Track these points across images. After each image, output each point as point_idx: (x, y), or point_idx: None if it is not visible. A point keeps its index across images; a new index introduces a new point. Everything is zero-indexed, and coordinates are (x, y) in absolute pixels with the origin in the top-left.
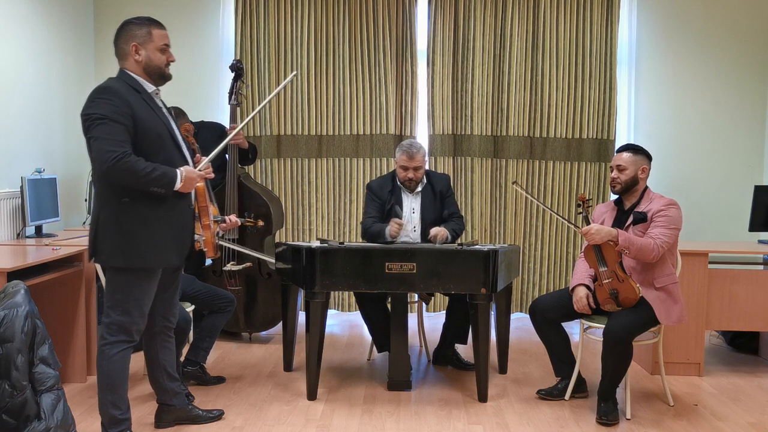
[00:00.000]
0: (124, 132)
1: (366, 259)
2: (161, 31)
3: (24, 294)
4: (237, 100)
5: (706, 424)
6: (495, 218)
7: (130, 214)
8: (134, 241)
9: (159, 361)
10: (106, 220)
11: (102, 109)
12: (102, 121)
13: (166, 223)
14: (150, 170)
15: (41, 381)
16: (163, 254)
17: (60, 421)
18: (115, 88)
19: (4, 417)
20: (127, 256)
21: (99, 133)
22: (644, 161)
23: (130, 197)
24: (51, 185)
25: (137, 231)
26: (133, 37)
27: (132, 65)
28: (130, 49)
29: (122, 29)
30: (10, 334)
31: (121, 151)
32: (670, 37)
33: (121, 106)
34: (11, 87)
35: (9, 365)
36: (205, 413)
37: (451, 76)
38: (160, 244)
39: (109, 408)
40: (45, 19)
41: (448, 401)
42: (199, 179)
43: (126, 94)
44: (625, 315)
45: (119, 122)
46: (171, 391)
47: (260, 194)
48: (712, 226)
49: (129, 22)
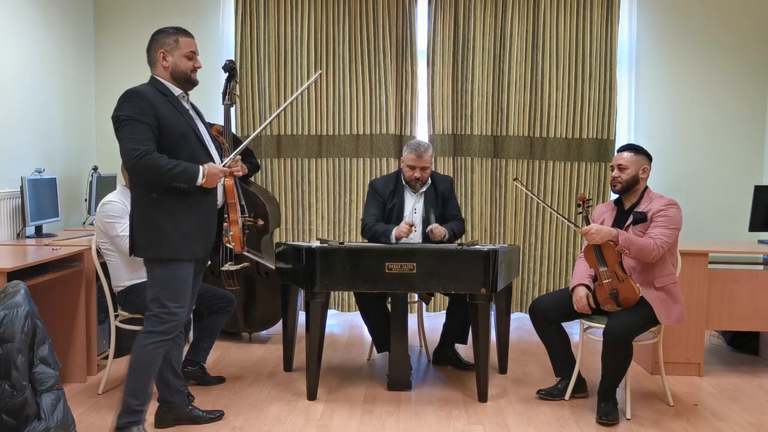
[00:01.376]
0: (148, 131)
1: (366, 259)
2: (188, 39)
3: (24, 294)
4: (230, 100)
5: (706, 424)
6: (495, 218)
7: (158, 208)
8: (162, 232)
9: (167, 356)
10: (139, 214)
11: (127, 110)
12: (127, 121)
13: (191, 216)
14: (172, 166)
15: (41, 381)
16: (189, 246)
17: (60, 421)
18: (141, 91)
19: (4, 417)
20: (156, 247)
21: (125, 134)
22: (645, 161)
23: (157, 192)
24: (51, 185)
25: (164, 224)
26: (161, 45)
27: (160, 71)
28: (158, 56)
29: (153, 39)
30: (10, 334)
31: (143, 149)
32: (669, 37)
33: (145, 107)
34: (11, 87)
35: (9, 365)
36: (206, 414)
37: (451, 76)
38: (186, 236)
39: (128, 395)
40: (45, 19)
41: (448, 401)
42: (222, 174)
43: (151, 96)
44: (625, 315)
45: (143, 122)
46: (174, 387)
47: (257, 194)
48: (712, 226)
49: (159, 32)
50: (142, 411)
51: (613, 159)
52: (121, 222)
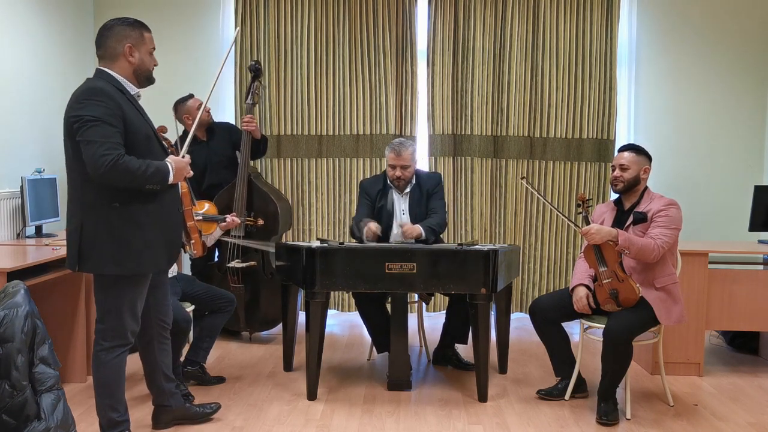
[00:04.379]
0: (118, 134)
1: (366, 259)
2: (150, 34)
3: (24, 294)
4: (253, 99)
5: (706, 424)
6: (495, 218)
7: (121, 218)
8: (127, 246)
9: (157, 364)
10: (93, 226)
11: (94, 111)
12: (95, 123)
13: (157, 225)
14: (145, 168)
15: (41, 381)
16: (154, 258)
17: (60, 421)
18: (106, 90)
19: (4, 417)
20: (119, 262)
21: (93, 136)
22: (646, 162)
23: (120, 201)
24: (51, 185)
25: (130, 236)
26: (126, 37)
27: (122, 66)
28: (124, 50)
29: (111, 29)
30: (10, 334)
31: (116, 154)
32: (669, 37)
33: (113, 108)
34: (11, 87)
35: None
36: (201, 409)
37: (451, 76)
38: (152, 248)
39: (107, 411)
40: (45, 18)
41: (448, 401)
42: (187, 165)
43: (116, 96)
44: (625, 315)
45: (112, 125)
46: (168, 392)
47: (269, 194)
48: (712, 226)
49: (119, 21)
50: (125, 419)
51: (614, 159)
52: None
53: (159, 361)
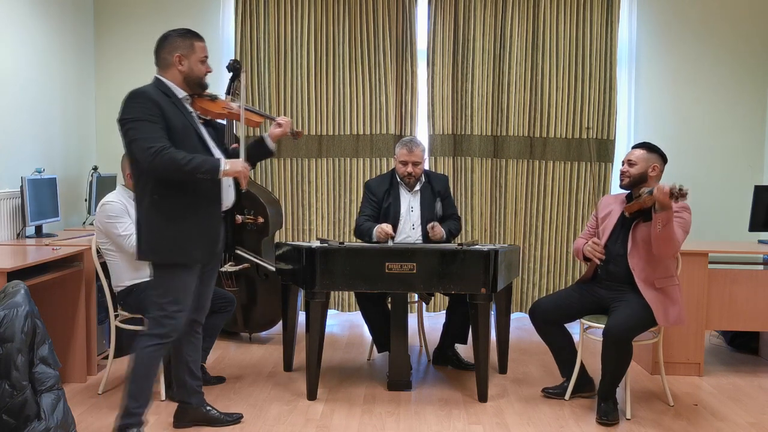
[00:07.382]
0: (159, 129)
1: (366, 259)
2: (202, 43)
3: (24, 294)
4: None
5: (706, 424)
6: (495, 218)
7: (157, 210)
8: (161, 236)
9: (183, 356)
10: (140, 218)
11: (134, 112)
12: (136, 122)
13: (191, 219)
14: (190, 158)
15: (41, 381)
16: (188, 250)
17: (60, 421)
18: (145, 92)
19: (4, 417)
20: (156, 251)
21: (136, 134)
22: (657, 160)
23: (159, 194)
24: (51, 185)
25: (164, 227)
26: (176, 47)
27: (173, 74)
28: (173, 59)
29: (165, 40)
30: (10, 334)
31: (159, 145)
32: (669, 36)
33: (150, 106)
34: (11, 87)
35: (9, 365)
36: (224, 416)
37: (451, 76)
38: (185, 240)
39: (127, 396)
40: (45, 19)
41: (448, 401)
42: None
43: (156, 96)
44: (625, 315)
45: (152, 121)
46: (190, 388)
47: (258, 196)
48: (712, 226)
49: (172, 33)
50: (141, 414)
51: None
52: (122, 221)
53: (185, 353)
